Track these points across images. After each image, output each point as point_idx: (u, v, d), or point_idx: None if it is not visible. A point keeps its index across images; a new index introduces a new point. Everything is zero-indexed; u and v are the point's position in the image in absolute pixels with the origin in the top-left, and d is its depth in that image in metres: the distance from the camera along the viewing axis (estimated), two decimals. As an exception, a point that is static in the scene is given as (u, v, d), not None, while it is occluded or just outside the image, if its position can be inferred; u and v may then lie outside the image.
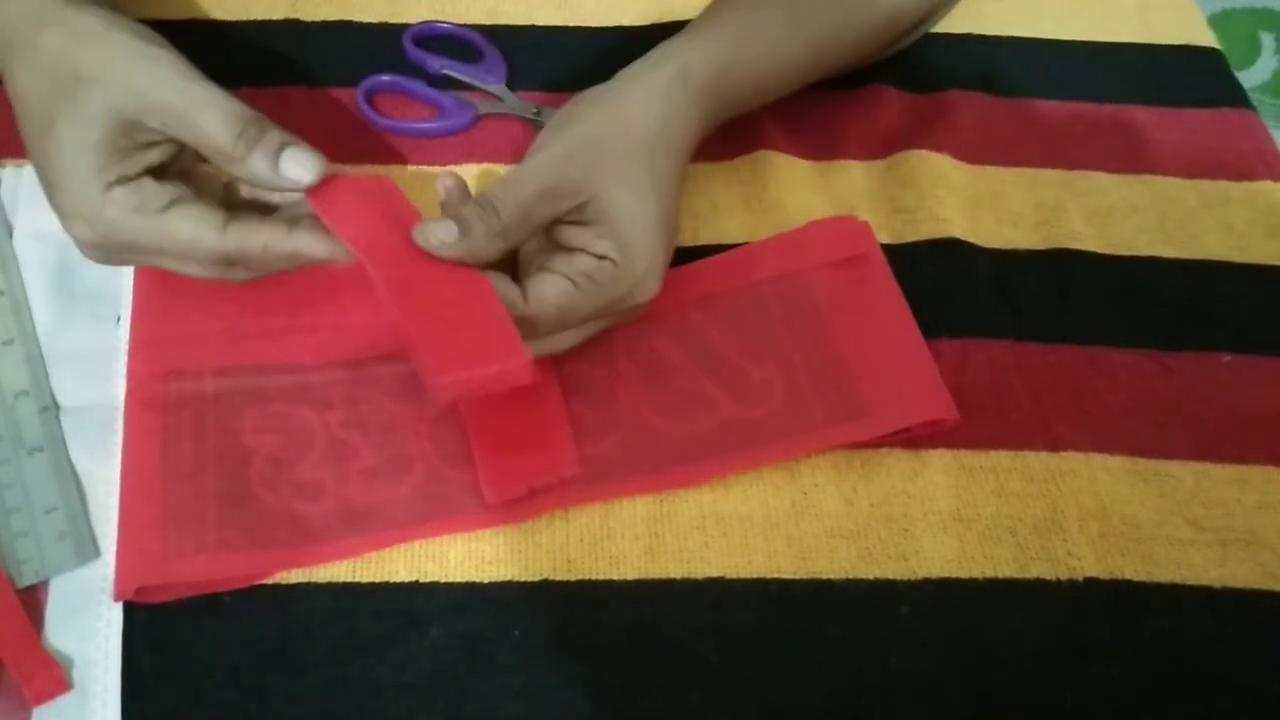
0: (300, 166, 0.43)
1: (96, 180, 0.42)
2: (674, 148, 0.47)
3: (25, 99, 0.43)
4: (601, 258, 0.45)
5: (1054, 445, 0.48)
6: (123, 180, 0.42)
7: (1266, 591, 0.45)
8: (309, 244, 0.43)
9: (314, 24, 0.62)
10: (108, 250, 0.44)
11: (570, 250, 0.45)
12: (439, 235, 0.42)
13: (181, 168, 0.45)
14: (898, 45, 0.60)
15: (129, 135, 0.42)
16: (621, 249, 0.44)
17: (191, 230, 0.43)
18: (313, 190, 0.43)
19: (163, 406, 0.46)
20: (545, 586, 0.44)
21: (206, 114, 0.41)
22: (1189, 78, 0.64)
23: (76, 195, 0.42)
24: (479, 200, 0.43)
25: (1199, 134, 0.61)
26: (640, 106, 0.47)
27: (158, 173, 0.43)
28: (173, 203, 0.43)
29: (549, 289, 0.44)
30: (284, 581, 0.43)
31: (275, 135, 0.43)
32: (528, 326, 0.43)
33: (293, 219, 0.45)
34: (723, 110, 0.51)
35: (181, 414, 0.46)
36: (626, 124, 0.46)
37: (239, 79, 0.51)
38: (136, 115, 0.41)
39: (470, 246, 0.43)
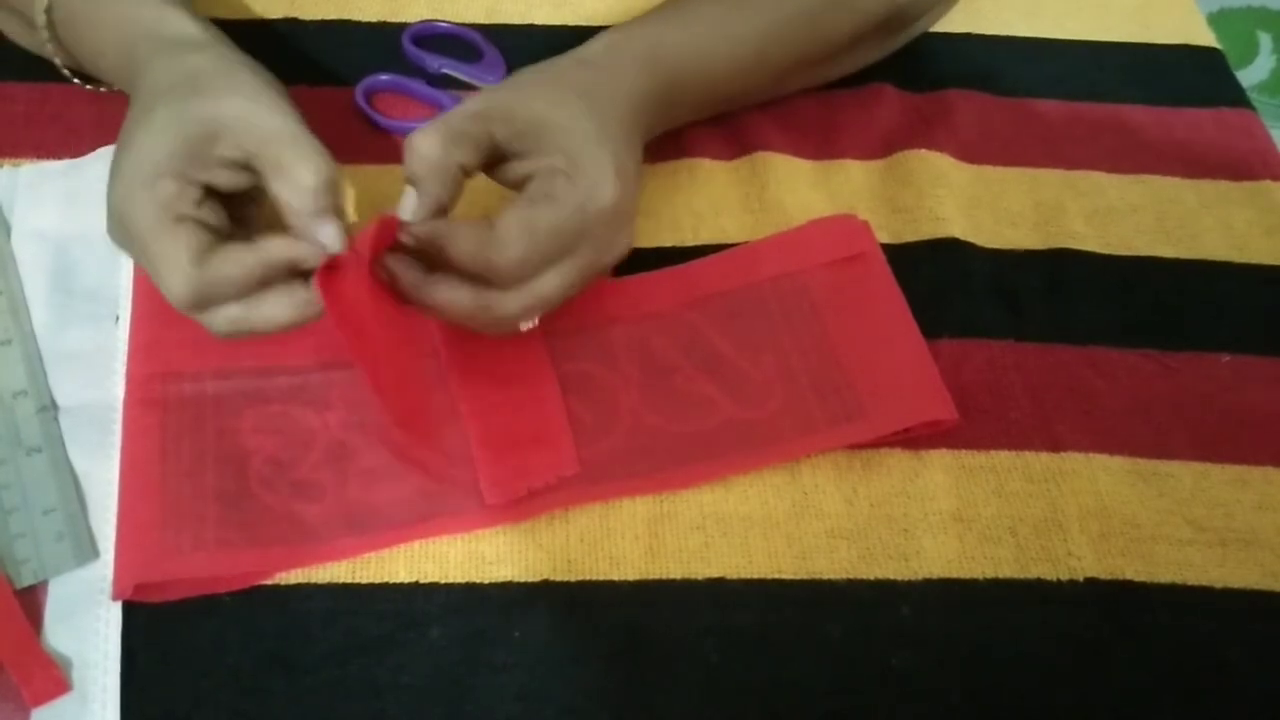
0: (335, 235, 0.42)
1: (159, 160, 0.42)
2: (613, 98, 0.47)
3: (141, 92, 0.44)
4: (551, 173, 0.44)
5: (1054, 445, 0.48)
6: (177, 177, 0.42)
7: (1266, 591, 0.45)
8: (284, 246, 0.42)
9: (313, 22, 0.62)
10: (121, 230, 0.43)
11: (523, 184, 0.45)
12: (406, 212, 0.43)
13: (243, 214, 0.45)
14: (892, 43, 0.60)
15: (213, 144, 0.42)
16: (567, 157, 0.44)
17: (176, 246, 0.41)
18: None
19: (162, 407, 0.46)
20: (545, 586, 0.44)
21: (303, 154, 0.42)
22: (1188, 77, 0.64)
23: (137, 161, 0.42)
24: (422, 132, 0.44)
25: (1199, 134, 0.61)
26: (574, 65, 0.48)
27: (219, 200, 0.44)
28: (195, 221, 0.42)
29: (510, 216, 0.43)
30: (283, 582, 0.43)
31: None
32: (494, 254, 0.42)
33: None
34: (670, 86, 0.50)
35: (181, 414, 0.46)
36: (559, 73, 0.48)
37: (238, 78, 0.51)
38: (233, 128, 0.42)
39: (429, 191, 0.43)
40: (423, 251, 0.43)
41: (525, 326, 0.45)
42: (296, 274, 0.42)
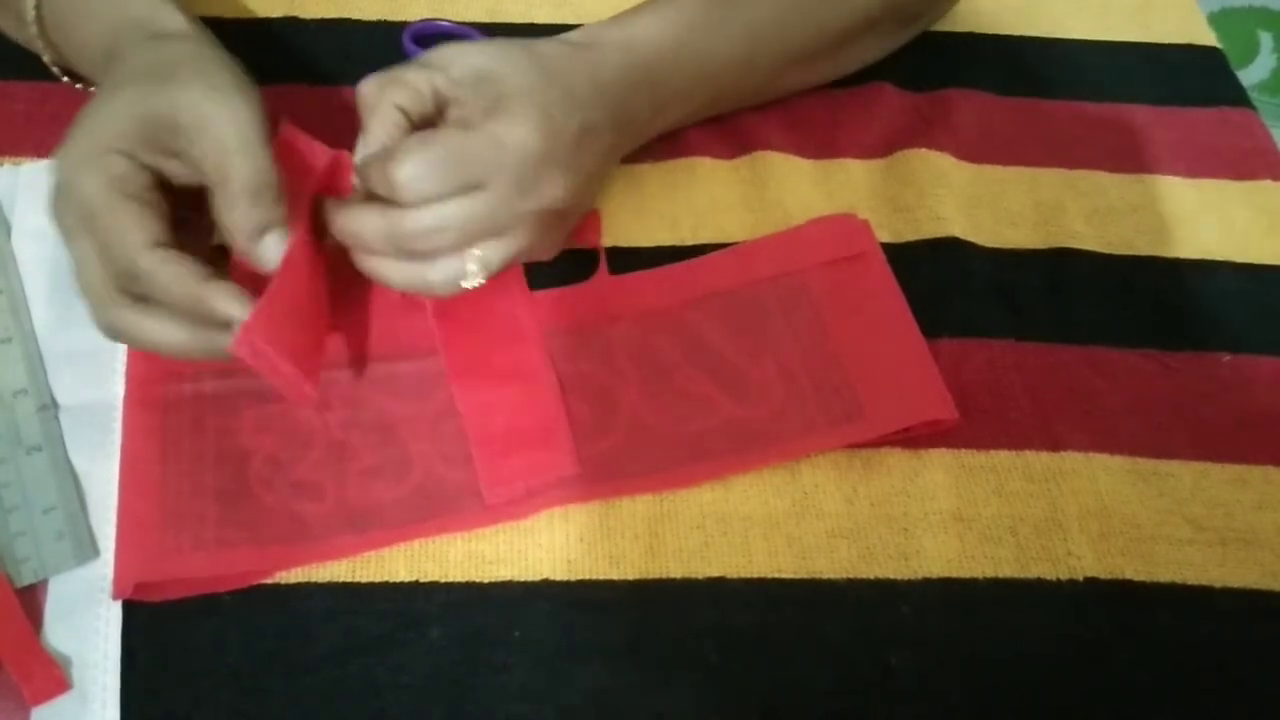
0: (276, 251, 0.42)
1: (116, 134, 0.42)
2: (576, 72, 0.47)
3: (113, 74, 0.44)
4: (472, 108, 0.44)
5: (1054, 445, 0.48)
6: (130, 157, 0.42)
7: (1266, 591, 0.45)
8: (223, 299, 0.41)
9: (313, 21, 0.62)
10: (65, 204, 0.42)
11: None
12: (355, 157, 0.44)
13: (184, 216, 0.44)
14: (893, 41, 0.60)
15: (170, 134, 0.42)
16: (493, 99, 0.44)
17: (128, 225, 0.41)
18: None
19: (162, 406, 0.46)
20: (545, 586, 0.44)
21: (246, 164, 0.41)
22: (1189, 77, 0.63)
23: (92, 133, 0.42)
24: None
25: (1199, 133, 0.61)
26: (547, 42, 0.49)
27: (168, 190, 0.43)
28: (141, 202, 0.41)
29: (413, 136, 0.43)
30: (283, 581, 0.43)
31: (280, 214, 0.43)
32: (396, 164, 0.42)
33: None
34: (647, 74, 0.50)
35: (181, 414, 0.46)
36: (527, 43, 0.47)
37: (238, 77, 0.51)
38: (188, 124, 0.42)
39: (371, 132, 0.44)
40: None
41: (467, 284, 0.44)
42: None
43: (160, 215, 0.42)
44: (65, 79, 0.54)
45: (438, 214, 0.42)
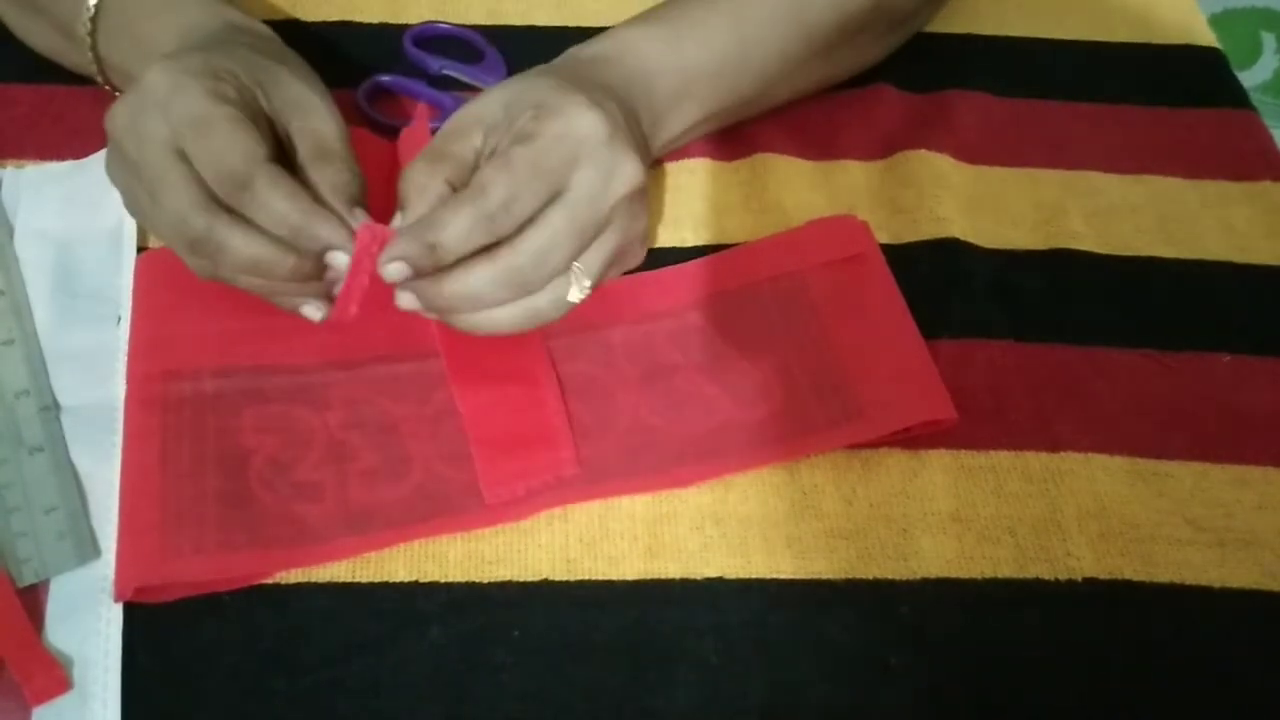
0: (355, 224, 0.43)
1: (218, 63, 0.43)
2: (610, 86, 0.48)
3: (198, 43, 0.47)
4: (521, 123, 0.44)
5: (1053, 445, 0.48)
6: (235, 78, 0.43)
7: (1266, 591, 0.45)
8: (327, 226, 0.42)
9: (314, 24, 0.62)
10: (151, 124, 0.43)
11: None
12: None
13: None
14: (889, 41, 0.60)
15: (274, 89, 0.45)
16: (536, 106, 0.44)
17: (244, 136, 0.42)
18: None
19: (162, 406, 0.46)
20: (545, 586, 0.44)
21: (330, 112, 0.45)
22: (1190, 78, 0.64)
23: (186, 63, 0.43)
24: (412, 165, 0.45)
25: (1199, 134, 0.61)
26: (565, 60, 0.50)
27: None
28: (254, 118, 0.43)
29: (485, 165, 0.44)
30: (283, 581, 0.43)
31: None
32: (480, 196, 0.42)
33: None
34: (646, 86, 0.51)
35: (181, 414, 0.46)
36: (547, 68, 0.49)
37: (239, 79, 0.51)
38: (271, 86, 0.44)
39: (415, 211, 0.43)
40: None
41: (573, 299, 0.44)
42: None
43: (268, 137, 0.43)
44: (108, 88, 0.54)
45: (545, 230, 0.42)
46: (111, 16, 0.50)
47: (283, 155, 0.44)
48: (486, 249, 0.42)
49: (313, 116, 0.45)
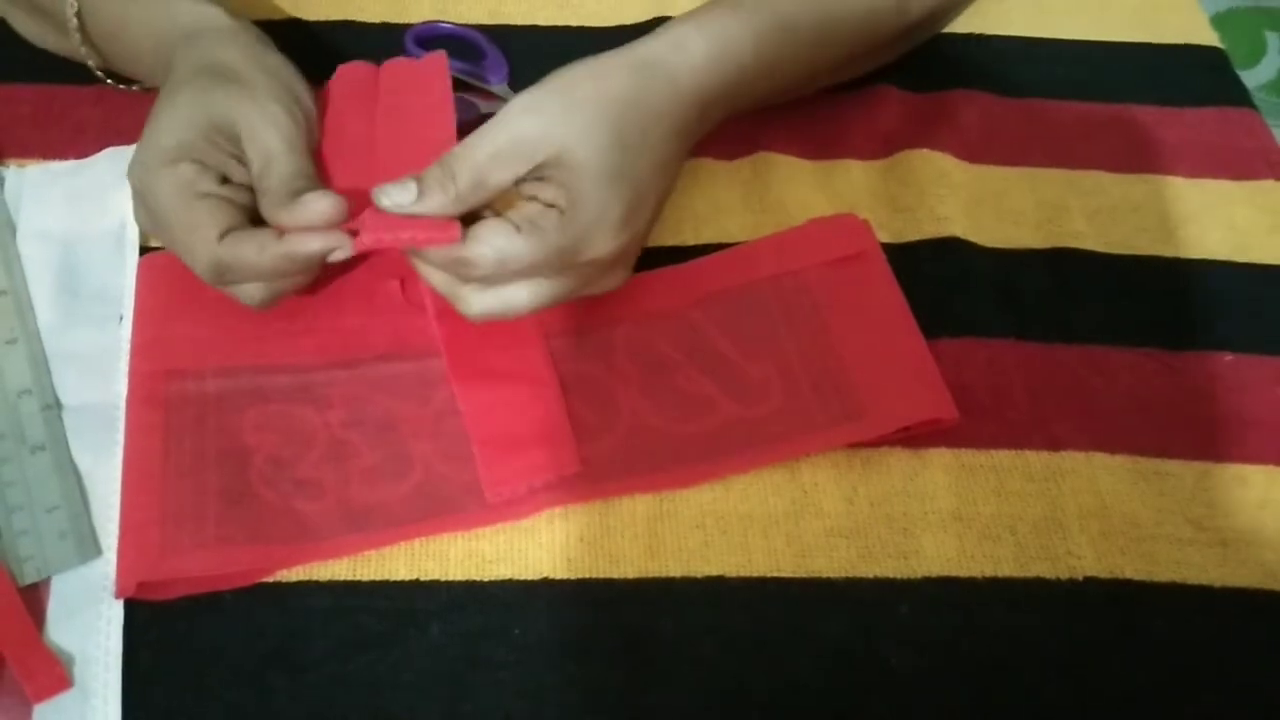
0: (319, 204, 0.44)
1: (180, 143, 0.45)
2: (654, 110, 0.45)
3: (172, 77, 0.48)
4: (549, 205, 0.44)
5: (1054, 444, 0.48)
6: (195, 162, 0.45)
7: (1266, 591, 0.45)
8: (302, 241, 0.44)
9: (316, 24, 0.62)
10: (144, 211, 0.47)
11: (525, 198, 0.45)
12: (395, 197, 0.43)
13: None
14: (902, 46, 0.60)
15: (227, 138, 0.46)
16: (570, 198, 0.43)
17: (200, 222, 0.44)
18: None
19: (164, 405, 0.46)
20: (545, 585, 0.44)
21: (285, 175, 0.45)
22: (1192, 77, 0.63)
23: (158, 143, 0.45)
24: (442, 163, 0.43)
25: (1201, 133, 0.61)
26: (623, 66, 0.45)
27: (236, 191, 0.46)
28: (215, 198, 0.45)
29: (490, 231, 0.43)
30: (284, 580, 0.43)
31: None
32: (465, 267, 0.43)
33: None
34: (737, 83, 0.49)
35: (182, 413, 0.46)
36: (601, 76, 0.45)
37: (241, 79, 0.51)
38: (240, 134, 0.46)
39: (426, 208, 0.43)
40: None
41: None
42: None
43: (232, 205, 0.45)
44: (110, 82, 0.54)
45: (501, 299, 0.45)
46: (93, 18, 0.51)
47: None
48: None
49: (271, 168, 0.45)
